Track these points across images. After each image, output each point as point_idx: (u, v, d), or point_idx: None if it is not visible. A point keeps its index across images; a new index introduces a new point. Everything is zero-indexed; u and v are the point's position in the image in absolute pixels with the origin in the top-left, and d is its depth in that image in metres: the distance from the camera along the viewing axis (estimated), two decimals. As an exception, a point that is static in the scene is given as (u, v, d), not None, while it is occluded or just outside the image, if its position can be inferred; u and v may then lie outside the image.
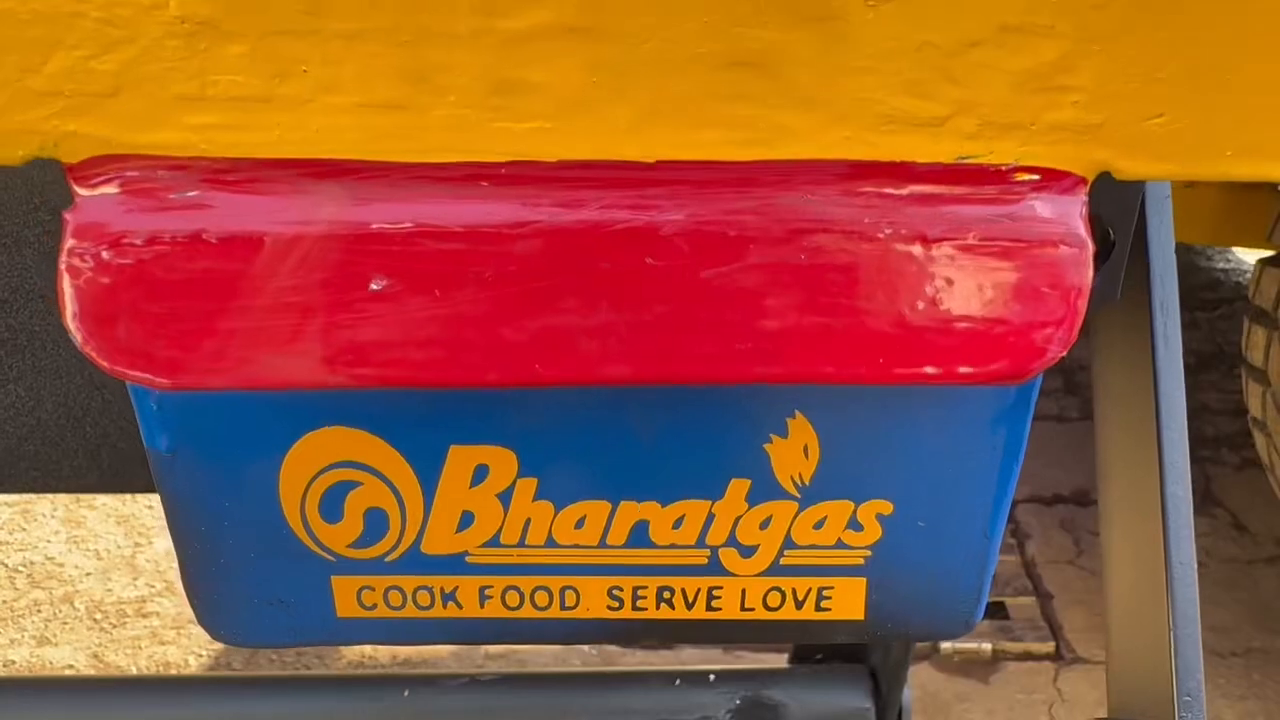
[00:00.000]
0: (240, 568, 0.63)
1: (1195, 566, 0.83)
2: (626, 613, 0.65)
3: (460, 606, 0.64)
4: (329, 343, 0.47)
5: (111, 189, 0.46)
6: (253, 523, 0.61)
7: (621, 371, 0.48)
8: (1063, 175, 0.47)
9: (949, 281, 0.47)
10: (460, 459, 0.60)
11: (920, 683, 3.16)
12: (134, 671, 3.54)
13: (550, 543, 0.62)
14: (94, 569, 3.80)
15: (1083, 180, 0.47)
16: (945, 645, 3.59)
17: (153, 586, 3.71)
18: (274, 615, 0.65)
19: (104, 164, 0.46)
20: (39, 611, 3.68)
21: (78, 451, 1.80)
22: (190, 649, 3.49)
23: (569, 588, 0.64)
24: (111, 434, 1.58)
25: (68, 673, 3.47)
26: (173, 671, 3.51)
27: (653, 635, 0.66)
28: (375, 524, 0.62)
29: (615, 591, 0.65)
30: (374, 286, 0.46)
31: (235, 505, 0.61)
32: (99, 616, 3.65)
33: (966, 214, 0.47)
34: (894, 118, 0.46)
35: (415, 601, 0.64)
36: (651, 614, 0.65)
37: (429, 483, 0.61)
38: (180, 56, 0.44)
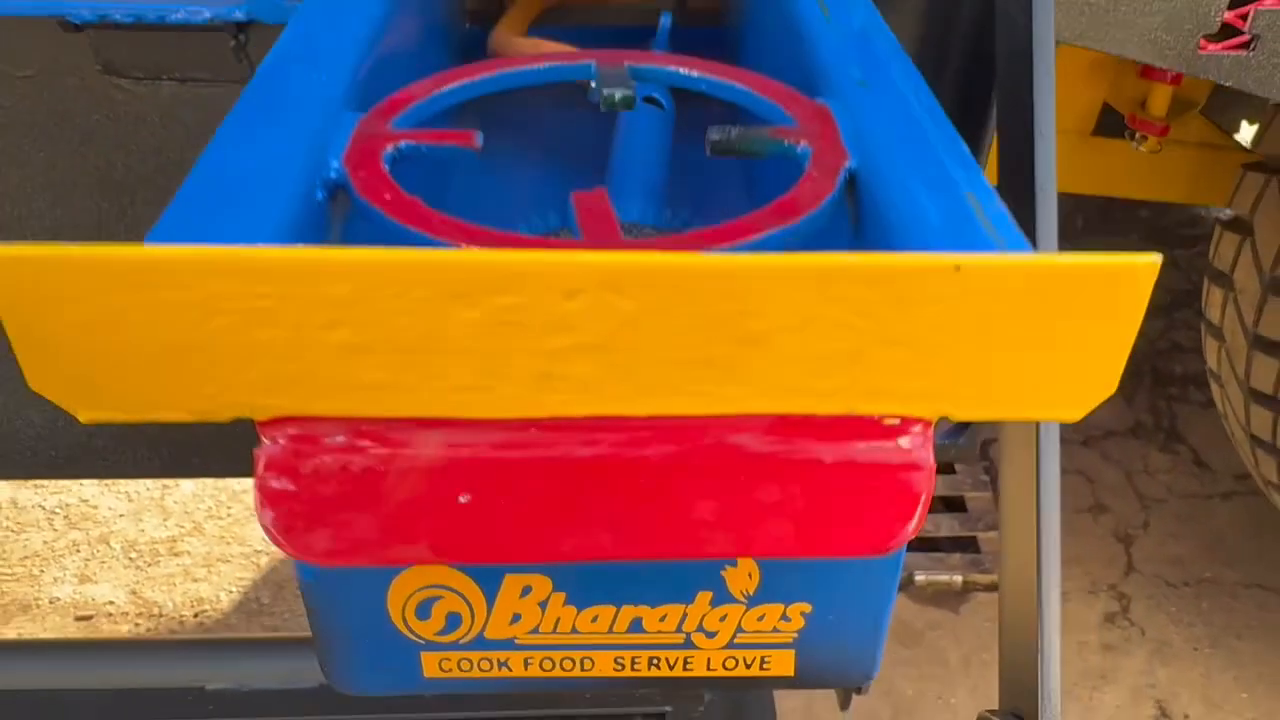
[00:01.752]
0: (357, 644, 0.90)
1: (1059, 602, 1.08)
2: (627, 673, 0.92)
3: (510, 670, 0.91)
4: (432, 537, 0.71)
5: (286, 438, 0.69)
6: (367, 619, 0.87)
7: (624, 552, 0.72)
8: (916, 420, 0.71)
9: (838, 493, 0.71)
10: (512, 583, 0.86)
11: (895, 612, 3.39)
12: (170, 607, 3.68)
13: (574, 631, 0.89)
14: (126, 510, 3.90)
15: (929, 422, 0.71)
16: (919, 577, 3.78)
17: (182, 527, 3.83)
18: (380, 675, 0.92)
19: (283, 421, 0.68)
20: (78, 551, 3.81)
21: (140, 444, 2.00)
22: (221, 586, 3.64)
23: (587, 658, 0.91)
24: (170, 428, 1.78)
25: (107, 608, 3.62)
26: (206, 607, 3.65)
27: (646, 687, 0.93)
28: (453, 621, 0.88)
29: (619, 659, 0.91)
30: (461, 500, 0.70)
31: (356, 609, 0.87)
32: (134, 555, 3.78)
33: (850, 448, 0.70)
34: (803, 390, 0.68)
35: (479, 667, 0.91)
36: (644, 673, 0.93)
37: (490, 596, 0.87)
38: (335, 364, 0.66)
